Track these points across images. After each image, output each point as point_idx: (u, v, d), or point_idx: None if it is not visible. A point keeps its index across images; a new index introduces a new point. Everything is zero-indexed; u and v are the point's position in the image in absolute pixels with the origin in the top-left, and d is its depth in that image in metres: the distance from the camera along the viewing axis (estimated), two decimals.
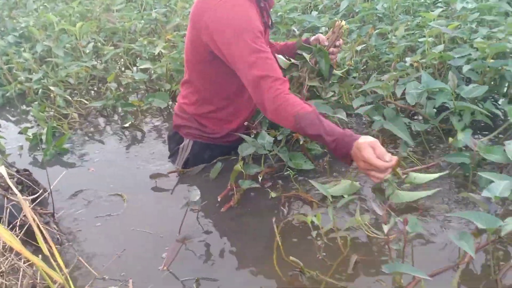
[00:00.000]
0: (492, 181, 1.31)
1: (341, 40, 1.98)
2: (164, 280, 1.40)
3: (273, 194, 1.68)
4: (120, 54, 3.29)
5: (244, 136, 1.83)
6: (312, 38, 2.00)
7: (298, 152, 1.87)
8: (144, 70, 2.88)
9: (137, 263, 1.49)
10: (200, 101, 1.92)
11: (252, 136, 1.87)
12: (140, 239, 1.61)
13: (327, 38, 1.97)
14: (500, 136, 1.83)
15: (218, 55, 1.73)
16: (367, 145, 1.41)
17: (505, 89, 2.03)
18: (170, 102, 2.62)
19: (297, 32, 3.00)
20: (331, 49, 1.94)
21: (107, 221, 1.73)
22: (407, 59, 2.13)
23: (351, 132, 1.51)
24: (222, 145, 2.00)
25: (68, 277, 1.12)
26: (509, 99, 1.97)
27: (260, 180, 1.75)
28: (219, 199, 1.72)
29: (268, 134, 1.83)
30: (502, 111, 1.95)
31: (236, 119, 1.96)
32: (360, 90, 2.14)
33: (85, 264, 1.38)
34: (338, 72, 2.08)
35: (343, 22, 1.94)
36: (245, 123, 1.96)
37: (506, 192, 1.24)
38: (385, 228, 1.20)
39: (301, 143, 1.85)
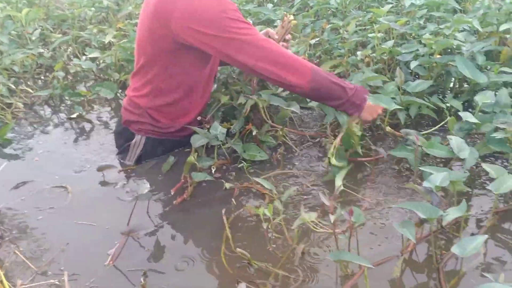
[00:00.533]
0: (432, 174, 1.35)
1: (289, 35, 1.98)
2: (109, 274, 1.36)
3: (227, 186, 1.65)
4: (68, 42, 3.17)
5: (196, 129, 1.80)
6: (262, 32, 1.98)
7: (252, 143, 1.87)
8: (93, 59, 2.79)
9: (81, 257, 1.44)
10: (154, 93, 1.83)
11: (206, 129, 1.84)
12: (86, 233, 1.56)
13: (277, 32, 1.97)
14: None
15: (196, 44, 1.67)
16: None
17: (451, 84, 2.10)
18: (120, 91, 2.56)
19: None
20: (281, 43, 1.93)
21: (50, 214, 1.66)
22: (358, 53, 2.16)
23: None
24: (176, 140, 1.95)
25: (1, 272, 1.06)
26: (454, 94, 2.03)
27: (213, 171, 1.74)
28: (172, 192, 1.69)
29: (221, 125, 1.82)
30: (448, 105, 2.01)
31: (191, 113, 1.92)
32: None
33: (24, 259, 1.32)
34: None
35: (291, 17, 1.94)
36: (198, 118, 1.93)
37: (445, 182, 1.28)
38: (332, 218, 1.21)
39: (254, 133, 1.84)
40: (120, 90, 2.58)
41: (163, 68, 1.78)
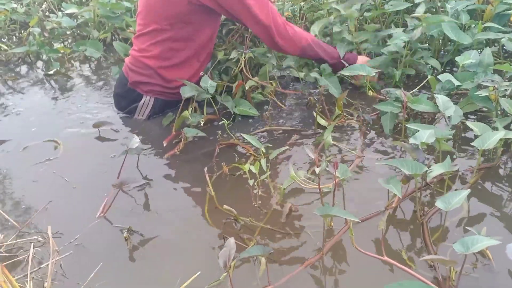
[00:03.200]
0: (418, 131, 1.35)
1: None
2: (95, 230, 1.35)
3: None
4: None
5: (186, 81, 1.79)
6: None
7: (242, 99, 1.87)
8: (71, 15, 2.69)
9: (67, 214, 1.43)
10: (166, 54, 1.82)
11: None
12: (72, 190, 1.54)
13: None
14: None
15: (210, 4, 1.69)
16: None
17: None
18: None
19: None
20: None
21: (33, 173, 1.63)
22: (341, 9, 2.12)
23: None
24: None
25: None
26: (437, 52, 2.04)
27: (201, 124, 1.74)
28: (164, 144, 1.69)
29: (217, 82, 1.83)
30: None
31: (200, 69, 1.92)
32: None
33: (6, 216, 1.30)
34: None
35: None
36: (201, 73, 1.91)
37: (430, 139, 1.29)
38: (317, 170, 1.21)
39: (246, 89, 1.84)
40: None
41: (176, 29, 1.76)
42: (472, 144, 1.32)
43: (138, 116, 1.93)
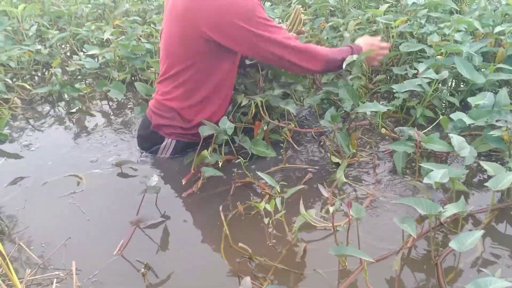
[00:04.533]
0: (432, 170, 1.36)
1: (302, 27, 2.03)
2: (112, 266, 1.37)
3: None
4: (66, 38, 3.17)
5: (204, 121, 1.84)
6: None
7: (260, 140, 1.91)
8: (93, 57, 2.78)
9: (85, 250, 1.45)
10: (187, 94, 1.86)
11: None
12: (91, 225, 1.57)
13: (287, 26, 2.00)
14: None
15: (226, 42, 1.73)
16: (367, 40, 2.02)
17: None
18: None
19: None
20: (292, 34, 1.98)
21: (52, 208, 1.67)
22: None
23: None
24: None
25: (7, 258, 1.07)
26: (450, 93, 2.06)
27: (220, 165, 1.76)
28: (183, 183, 1.73)
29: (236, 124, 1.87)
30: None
31: (222, 106, 1.95)
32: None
33: (28, 250, 1.33)
34: None
35: (298, 6, 1.98)
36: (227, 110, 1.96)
37: (444, 179, 1.30)
38: (331, 209, 1.22)
39: (264, 129, 1.88)
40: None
41: (195, 69, 1.81)
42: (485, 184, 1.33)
43: (160, 156, 1.98)
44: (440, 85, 2.03)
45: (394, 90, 1.93)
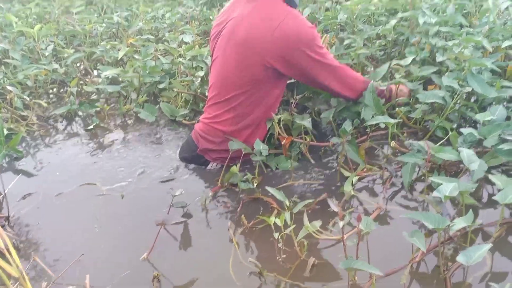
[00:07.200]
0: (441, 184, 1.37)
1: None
2: (124, 281, 1.39)
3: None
4: (81, 58, 3.24)
5: (233, 138, 1.88)
6: None
7: (280, 156, 1.96)
8: (115, 80, 2.81)
9: (98, 265, 1.48)
10: (239, 118, 1.89)
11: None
12: (102, 240, 1.60)
13: None
14: None
15: (286, 72, 1.81)
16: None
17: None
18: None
19: None
20: None
21: (65, 223, 1.71)
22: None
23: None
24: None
25: (24, 272, 1.10)
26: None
27: (255, 185, 1.80)
28: (210, 194, 1.80)
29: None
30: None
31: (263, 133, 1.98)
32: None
33: (43, 265, 1.36)
34: None
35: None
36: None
37: (454, 192, 1.30)
38: (340, 224, 1.23)
39: (283, 143, 1.90)
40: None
41: (249, 94, 1.85)
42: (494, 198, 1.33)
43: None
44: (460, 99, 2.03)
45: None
